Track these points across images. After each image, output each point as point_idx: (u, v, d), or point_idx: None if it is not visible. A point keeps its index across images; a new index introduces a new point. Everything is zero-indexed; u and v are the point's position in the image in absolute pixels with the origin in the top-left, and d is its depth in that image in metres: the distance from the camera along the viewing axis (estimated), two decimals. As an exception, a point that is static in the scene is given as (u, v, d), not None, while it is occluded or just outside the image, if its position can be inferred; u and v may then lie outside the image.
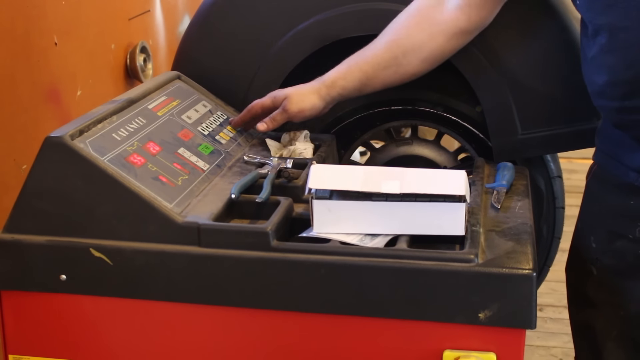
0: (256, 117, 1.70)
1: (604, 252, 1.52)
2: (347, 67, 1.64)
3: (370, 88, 1.65)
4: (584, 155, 4.49)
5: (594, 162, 1.58)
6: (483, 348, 1.28)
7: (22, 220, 1.38)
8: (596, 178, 1.57)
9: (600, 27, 1.38)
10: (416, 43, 1.60)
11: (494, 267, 1.26)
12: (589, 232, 1.56)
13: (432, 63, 1.63)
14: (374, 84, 1.64)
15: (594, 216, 1.56)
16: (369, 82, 1.63)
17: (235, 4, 1.79)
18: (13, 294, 1.41)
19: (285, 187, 1.50)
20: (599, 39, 1.38)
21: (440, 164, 1.89)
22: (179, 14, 2.89)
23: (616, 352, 1.54)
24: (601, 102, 1.45)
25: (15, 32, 1.84)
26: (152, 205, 1.34)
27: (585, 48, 1.46)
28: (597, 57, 1.40)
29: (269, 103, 1.67)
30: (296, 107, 1.63)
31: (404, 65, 1.61)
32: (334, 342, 1.34)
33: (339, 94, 1.64)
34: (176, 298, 1.36)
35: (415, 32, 1.60)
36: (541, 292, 2.96)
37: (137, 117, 1.53)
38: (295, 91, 1.65)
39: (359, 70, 1.63)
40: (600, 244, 1.53)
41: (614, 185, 1.50)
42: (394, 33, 1.62)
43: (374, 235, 1.35)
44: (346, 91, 1.64)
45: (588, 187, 1.59)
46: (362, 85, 1.64)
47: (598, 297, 1.55)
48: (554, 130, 1.70)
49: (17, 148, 1.84)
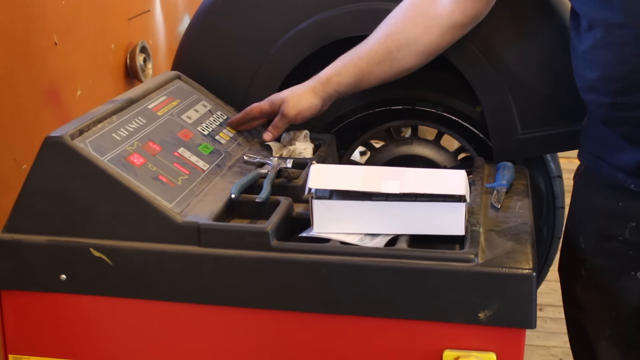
0: (252, 120, 1.71)
1: (593, 253, 1.51)
2: (342, 64, 1.64)
3: (366, 83, 1.65)
4: (584, 155, 4.44)
5: (580, 163, 1.57)
6: (483, 348, 1.28)
7: (22, 220, 1.38)
8: (584, 179, 1.56)
9: (596, 22, 1.36)
10: (410, 37, 1.59)
11: (493, 267, 1.26)
12: (577, 233, 1.55)
13: (427, 57, 1.62)
14: (370, 79, 1.64)
15: (583, 217, 1.55)
16: (364, 78, 1.63)
17: (235, 4, 1.79)
18: (13, 294, 1.41)
19: (285, 187, 1.50)
20: (594, 34, 1.37)
21: (440, 164, 1.89)
22: (179, 14, 2.89)
23: (610, 351, 1.53)
24: (591, 97, 1.43)
25: (15, 32, 1.84)
26: (152, 205, 1.34)
27: (575, 41, 1.44)
28: (590, 51, 1.39)
29: (267, 107, 1.68)
30: (294, 109, 1.63)
31: (398, 59, 1.61)
32: (334, 342, 1.34)
33: (334, 91, 1.64)
34: (176, 298, 1.36)
35: (410, 26, 1.59)
36: (541, 292, 2.95)
37: (137, 117, 1.53)
38: (291, 94, 1.65)
39: (353, 65, 1.62)
40: (589, 245, 1.52)
41: (602, 186, 1.49)
42: (388, 28, 1.62)
43: (374, 235, 1.35)
44: (342, 87, 1.64)
45: (576, 188, 1.58)
46: (358, 80, 1.63)
47: (587, 297, 1.55)
48: (554, 130, 1.70)
49: (17, 148, 1.84)
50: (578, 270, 1.54)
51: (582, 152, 1.55)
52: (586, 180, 1.55)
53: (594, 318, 1.54)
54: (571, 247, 1.57)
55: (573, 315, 1.61)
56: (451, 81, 1.83)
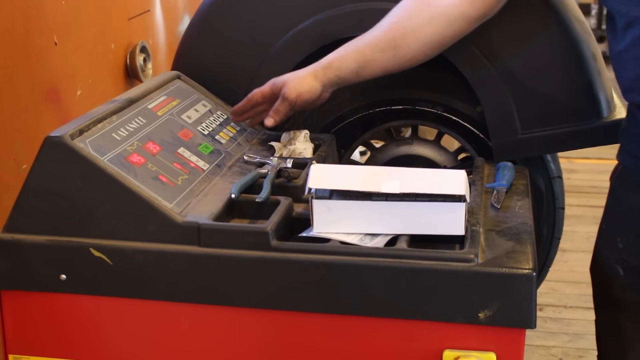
0: (256, 106, 1.68)
1: (631, 253, 1.50)
2: (344, 49, 1.61)
3: (368, 72, 1.62)
4: (584, 155, 4.50)
5: (618, 163, 1.55)
6: (483, 348, 1.28)
7: (22, 220, 1.38)
8: (621, 179, 1.54)
9: (636, 19, 1.36)
10: (416, 26, 1.57)
11: (493, 266, 1.26)
12: (614, 232, 1.54)
13: (431, 49, 1.59)
14: (372, 68, 1.61)
15: (620, 217, 1.54)
16: (366, 65, 1.60)
17: (235, 4, 1.79)
18: (13, 294, 1.41)
19: (285, 187, 1.50)
20: (632, 32, 1.36)
21: (440, 164, 1.89)
22: (179, 14, 2.89)
23: None
24: (630, 97, 1.43)
25: (15, 32, 1.84)
26: (152, 205, 1.34)
27: (612, 42, 1.43)
28: (628, 49, 1.38)
29: (268, 90, 1.65)
30: (294, 91, 1.61)
31: (402, 48, 1.58)
32: (333, 342, 1.34)
33: (335, 76, 1.61)
34: (176, 298, 1.36)
35: (416, 15, 1.57)
36: (541, 292, 2.96)
37: (137, 116, 1.53)
38: (292, 76, 1.63)
39: (356, 52, 1.60)
40: (627, 245, 1.51)
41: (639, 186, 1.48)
42: (395, 16, 1.60)
43: (374, 235, 1.35)
44: (343, 72, 1.61)
45: (613, 188, 1.57)
46: (359, 67, 1.60)
47: (625, 297, 1.53)
48: (554, 130, 1.70)
49: (17, 148, 1.84)
50: (616, 270, 1.53)
51: (620, 151, 1.54)
52: (624, 180, 1.53)
53: (632, 317, 1.53)
54: (607, 246, 1.56)
55: (607, 314, 1.60)
56: (451, 81, 1.83)
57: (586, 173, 4.41)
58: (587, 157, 4.49)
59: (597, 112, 1.68)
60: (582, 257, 3.35)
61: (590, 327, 1.70)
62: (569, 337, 2.84)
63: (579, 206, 3.92)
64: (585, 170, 4.45)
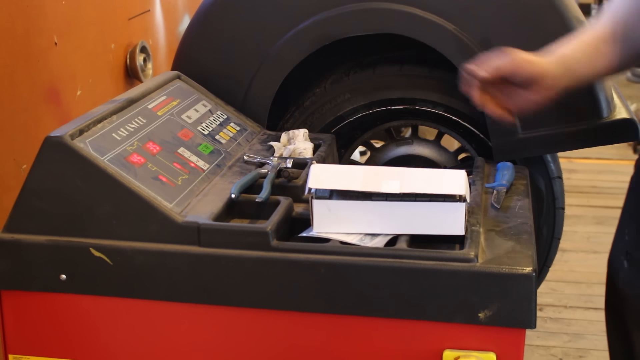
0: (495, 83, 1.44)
1: (636, 246, 1.51)
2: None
3: None
4: (584, 155, 4.48)
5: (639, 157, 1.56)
6: (483, 348, 1.28)
7: (22, 220, 1.38)
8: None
9: None
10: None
11: (493, 267, 1.26)
12: (625, 225, 1.56)
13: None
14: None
15: (631, 209, 1.55)
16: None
17: (235, 4, 1.79)
18: (13, 293, 1.41)
19: (285, 187, 1.50)
20: None
21: (440, 164, 1.89)
22: (179, 14, 2.89)
23: None
24: None
25: (15, 32, 1.84)
26: (152, 205, 1.34)
27: None
28: None
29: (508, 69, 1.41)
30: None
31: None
32: (333, 341, 1.34)
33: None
34: (176, 298, 1.36)
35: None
36: (541, 292, 2.96)
37: (137, 116, 1.53)
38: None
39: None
40: (632, 238, 1.52)
41: None
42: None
43: (374, 235, 1.35)
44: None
45: (632, 181, 1.57)
46: None
47: (627, 289, 1.54)
48: (553, 130, 1.70)
49: (17, 148, 1.84)
50: (622, 262, 1.55)
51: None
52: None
53: (632, 308, 1.54)
54: (618, 238, 1.58)
55: (612, 305, 1.61)
56: (451, 81, 1.83)
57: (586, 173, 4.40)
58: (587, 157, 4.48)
59: (597, 112, 1.68)
60: (582, 257, 3.35)
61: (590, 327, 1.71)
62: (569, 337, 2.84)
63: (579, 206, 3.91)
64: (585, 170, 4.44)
